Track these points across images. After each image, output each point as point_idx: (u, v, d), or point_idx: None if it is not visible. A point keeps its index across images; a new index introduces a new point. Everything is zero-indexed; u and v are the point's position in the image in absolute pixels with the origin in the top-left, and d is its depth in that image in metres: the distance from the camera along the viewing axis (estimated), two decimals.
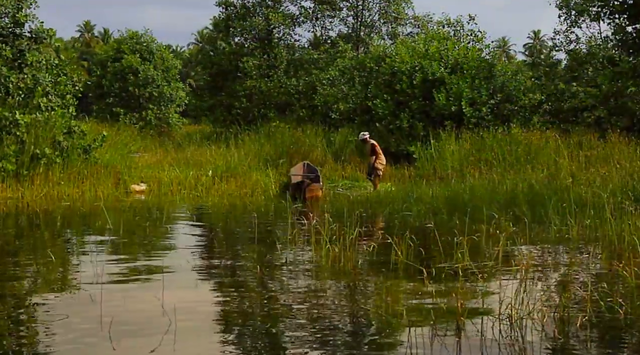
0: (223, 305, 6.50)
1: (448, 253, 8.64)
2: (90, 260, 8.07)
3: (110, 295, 6.44)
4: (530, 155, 18.26)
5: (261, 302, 6.53)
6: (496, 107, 22.21)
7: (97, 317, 5.69)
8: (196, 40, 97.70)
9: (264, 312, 6.16)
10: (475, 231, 10.38)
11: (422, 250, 8.65)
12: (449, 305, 6.11)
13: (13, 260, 8.44)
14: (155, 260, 8.48)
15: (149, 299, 6.33)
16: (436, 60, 23.21)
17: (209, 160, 20.52)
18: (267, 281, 7.39)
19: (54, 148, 15.96)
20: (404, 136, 22.63)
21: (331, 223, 8.87)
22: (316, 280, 7.56)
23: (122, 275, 7.66)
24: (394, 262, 8.06)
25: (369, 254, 8.40)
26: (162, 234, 10.93)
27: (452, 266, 7.67)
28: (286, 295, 6.84)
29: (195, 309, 6.21)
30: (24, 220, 12.00)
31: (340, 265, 7.94)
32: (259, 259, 8.53)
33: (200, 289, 7.14)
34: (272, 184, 16.87)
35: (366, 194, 16.40)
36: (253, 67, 31.88)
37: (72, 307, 6.24)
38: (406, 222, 11.56)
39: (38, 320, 5.93)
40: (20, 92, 15.65)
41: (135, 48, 38.98)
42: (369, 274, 7.90)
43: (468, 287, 7.03)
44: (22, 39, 15.91)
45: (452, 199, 14.01)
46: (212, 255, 9.17)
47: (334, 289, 7.19)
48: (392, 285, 7.31)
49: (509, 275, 7.33)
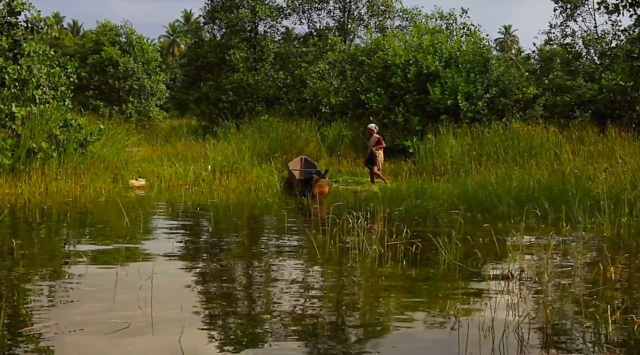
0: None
1: (493, 253, 8.42)
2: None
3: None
4: (534, 150, 18.11)
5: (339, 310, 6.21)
6: (492, 102, 22.05)
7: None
8: (167, 32, 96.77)
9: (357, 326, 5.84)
10: (504, 228, 10.22)
11: (469, 249, 8.43)
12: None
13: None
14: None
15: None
16: (430, 53, 22.97)
17: (203, 154, 20.07)
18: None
19: (50, 142, 15.40)
20: (399, 130, 22.37)
21: (364, 222, 8.59)
22: (378, 286, 7.22)
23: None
24: (442, 262, 7.80)
25: (413, 254, 8.08)
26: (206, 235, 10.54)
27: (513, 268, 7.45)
28: (365, 307, 6.52)
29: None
30: (35, 218, 11.47)
31: (387, 266, 7.64)
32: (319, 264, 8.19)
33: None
34: (275, 180, 16.45)
35: (372, 190, 16.10)
36: (240, 60, 31.36)
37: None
38: (436, 219, 11.24)
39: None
40: (17, 83, 15.04)
41: (114, 40, 38.20)
42: (422, 275, 7.58)
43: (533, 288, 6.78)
44: (18, 29, 15.28)
45: (465, 194, 13.79)
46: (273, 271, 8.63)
47: (398, 295, 6.86)
48: (448, 287, 7.02)
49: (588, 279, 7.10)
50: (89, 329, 5.42)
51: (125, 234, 9.67)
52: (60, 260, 8.08)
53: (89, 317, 5.74)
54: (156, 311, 5.82)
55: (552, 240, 8.14)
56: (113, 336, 5.25)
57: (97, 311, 5.91)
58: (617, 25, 21.86)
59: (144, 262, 7.89)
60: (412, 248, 8.12)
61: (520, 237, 8.97)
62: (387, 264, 7.68)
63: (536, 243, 9.23)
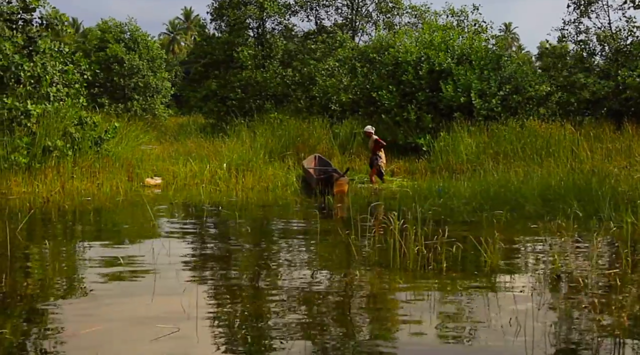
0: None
1: (534, 253, 8.26)
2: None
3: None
4: (552, 148, 17.94)
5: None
6: (505, 99, 21.86)
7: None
8: (167, 30, 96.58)
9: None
10: (538, 228, 10.06)
11: (509, 250, 8.27)
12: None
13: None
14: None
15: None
16: (442, 50, 22.78)
17: (215, 152, 19.88)
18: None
19: (65, 140, 15.21)
20: (411, 128, 22.18)
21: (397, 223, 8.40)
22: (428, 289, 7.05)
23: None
24: (485, 264, 7.63)
25: (454, 256, 7.89)
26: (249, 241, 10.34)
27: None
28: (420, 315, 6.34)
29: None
30: (59, 219, 11.29)
31: (429, 268, 7.46)
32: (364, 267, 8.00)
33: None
34: (293, 178, 16.26)
35: (391, 188, 15.93)
36: (248, 57, 31.11)
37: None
38: (465, 219, 11.05)
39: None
40: (32, 81, 14.84)
41: (119, 37, 37.94)
42: (467, 277, 7.40)
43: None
44: (32, 25, 15.06)
45: (487, 193, 13.60)
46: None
47: (448, 301, 6.67)
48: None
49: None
50: (137, 334, 5.25)
51: (156, 235, 9.47)
52: (98, 263, 7.89)
53: (135, 321, 5.57)
54: (201, 315, 5.66)
55: (595, 240, 7.95)
56: (163, 340, 5.09)
57: (144, 315, 5.73)
58: (632, 22, 21.67)
59: (182, 265, 7.73)
60: (452, 249, 7.94)
61: (565, 237, 8.81)
62: (429, 266, 7.49)
63: (573, 242, 9.05)
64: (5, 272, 7.00)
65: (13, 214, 11.40)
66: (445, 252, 7.90)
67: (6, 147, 14.10)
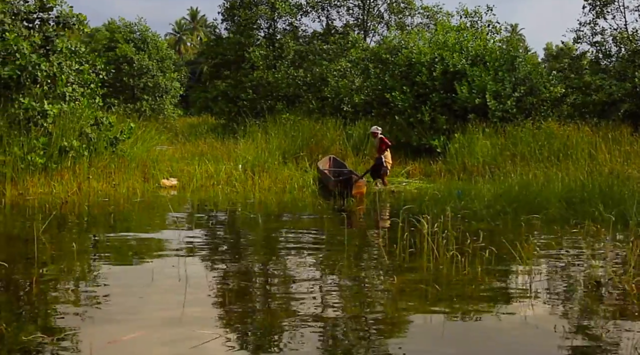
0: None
1: (568, 256, 8.11)
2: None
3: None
4: (570, 150, 17.79)
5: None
6: (519, 100, 21.69)
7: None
8: (173, 30, 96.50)
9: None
10: (566, 231, 9.92)
11: (543, 253, 8.13)
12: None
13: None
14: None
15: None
16: (456, 51, 22.63)
17: (228, 153, 19.80)
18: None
19: (81, 140, 15.10)
20: (425, 130, 22.03)
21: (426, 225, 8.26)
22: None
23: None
24: (519, 268, 7.49)
25: (487, 260, 7.75)
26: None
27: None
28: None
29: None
30: (77, 219, 11.17)
31: (463, 274, 7.32)
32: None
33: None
34: (310, 180, 16.12)
35: (410, 190, 15.80)
36: (260, 57, 30.96)
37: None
38: (489, 222, 10.89)
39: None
40: (49, 80, 14.73)
41: (129, 37, 37.86)
42: (505, 283, 7.26)
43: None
44: (49, 25, 14.95)
45: (509, 195, 13.45)
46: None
47: (489, 307, 6.52)
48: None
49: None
50: (177, 340, 5.13)
51: (185, 240, 9.31)
52: (129, 267, 7.76)
53: (174, 326, 5.44)
54: (238, 321, 5.54)
55: (632, 245, 7.79)
56: (204, 347, 4.96)
57: (183, 321, 5.61)
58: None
59: (217, 272, 7.61)
60: (486, 253, 7.80)
61: (596, 241, 8.67)
62: (463, 270, 7.34)
63: (607, 246, 8.90)
64: (34, 276, 6.88)
65: (33, 214, 11.31)
66: (478, 255, 7.78)
67: (23, 147, 13.99)
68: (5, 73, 13.73)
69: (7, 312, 5.72)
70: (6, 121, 14.14)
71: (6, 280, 6.81)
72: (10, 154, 13.87)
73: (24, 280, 6.86)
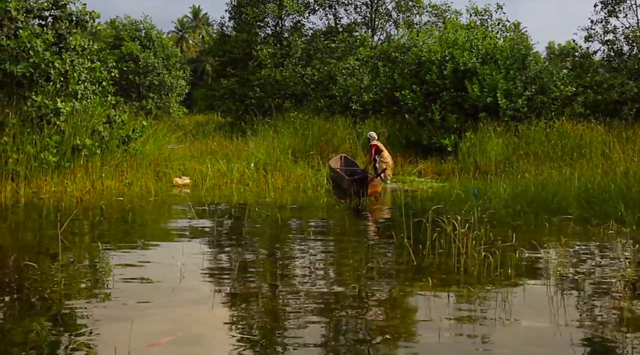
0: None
1: (599, 259, 8.01)
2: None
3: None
4: (584, 149, 17.68)
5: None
6: (530, 99, 21.56)
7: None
8: (176, 28, 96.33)
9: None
10: (590, 231, 9.83)
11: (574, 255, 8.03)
12: None
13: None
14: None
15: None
16: (466, 50, 22.49)
17: (238, 151, 19.70)
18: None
19: (93, 138, 14.99)
20: (436, 128, 21.91)
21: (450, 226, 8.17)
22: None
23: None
24: (551, 269, 7.38)
25: (517, 262, 7.64)
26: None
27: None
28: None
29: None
30: (94, 218, 11.06)
31: (495, 274, 7.21)
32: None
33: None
34: (324, 179, 15.99)
35: (425, 189, 15.69)
36: (267, 55, 30.82)
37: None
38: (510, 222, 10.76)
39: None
40: (62, 78, 14.62)
41: (134, 35, 37.72)
42: (536, 285, 7.14)
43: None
44: (62, 22, 14.82)
45: (526, 195, 13.34)
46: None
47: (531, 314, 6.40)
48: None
49: None
50: (219, 342, 5.03)
51: (211, 239, 9.19)
52: (157, 267, 7.64)
53: (213, 328, 5.35)
54: (275, 323, 5.44)
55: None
56: (247, 349, 4.86)
57: (221, 322, 5.51)
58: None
59: (251, 271, 7.50)
60: (516, 254, 7.70)
61: (623, 241, 8.56)
62: (495, 272, 7.23)
63: (635, 247, 8.78)
64: (63, 276, 6.78)
65: (49, 214, 11.22)
66: (508, 257, 7.67)
67: (36, 145, 13.89)
68: (20, 71, 13.62)
69: (43, 315, 5.63)
70: (19, 119, 14.04)
71: (36, 281, 6.70)
72: (23, 152, 13.77)
73: (52, 280, 6.76)
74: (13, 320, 5.46)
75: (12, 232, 9.75)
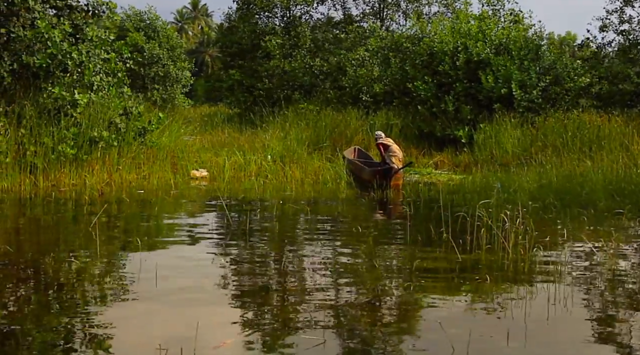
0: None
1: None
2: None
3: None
4: (603, 141, 17.49)
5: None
6: (545, 90, 21.36)
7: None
8: (175, 19, 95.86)
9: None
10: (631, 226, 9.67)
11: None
12: None
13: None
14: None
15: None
16: (479, 40, 22.24)
17: (251, 143, 19.46)
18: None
19: (110, 131, 14.77)
20: (449, 120, 21.70)
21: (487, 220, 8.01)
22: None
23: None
24: (603, 266, 7.22)
25: (563, 256, 7.48)
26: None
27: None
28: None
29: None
30: (121, 213, 10.86)
31: (546, 270, 7.04)
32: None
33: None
34: (343, 171, 15.77)
35: (447, 182, 15.50)
36: (276, 46, 30.53)
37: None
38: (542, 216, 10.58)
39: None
40: (79, 69, 14.40)
41: (139, 26, 37.41)
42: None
43: None
44: (78, 12, 14.58)
45: (550, 187, 13.17)
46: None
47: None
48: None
49: None
50: (283, 345, 4.86)
51: (254, 235, 9.00)
52: (203, 265, 7.42)
53: (274, 330, 5.17)
54: (337, 325, 5.27)
55: None
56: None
57: (283, 324, 5.33)
58: None
59: (305, 271, 7.32)
60: (565, 248, 7.53)
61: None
62: (544, 267, 7.07)
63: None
64: (107, 273, 6.61)
65: (73, 207, 11.05)
66: (554, 250, 7.51)
67: (53, 137, 13.68)
68: (38, 62, 13.39)
69: (96, 315, 5.45)
70: (35, 111, 13.82)
71: (79, 277, 6.52)
72: (41, 144, 13.57)
73: (96, 277, 6.58)
74: (68, 314, 5.28)
75: (44, 228, 9.55)
